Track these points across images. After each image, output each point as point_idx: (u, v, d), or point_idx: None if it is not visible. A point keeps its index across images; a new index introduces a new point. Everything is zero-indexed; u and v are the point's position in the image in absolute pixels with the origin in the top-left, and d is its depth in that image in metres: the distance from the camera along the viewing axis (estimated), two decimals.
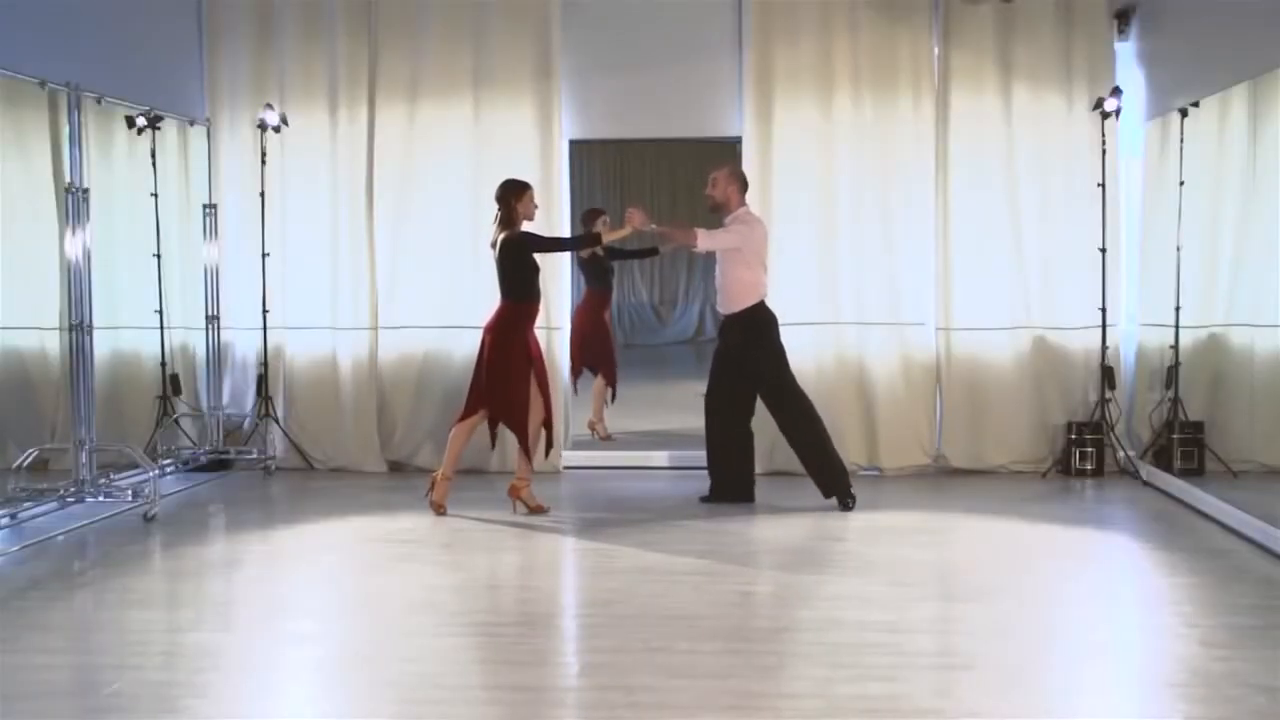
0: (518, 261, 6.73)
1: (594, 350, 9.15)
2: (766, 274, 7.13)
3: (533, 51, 8.24)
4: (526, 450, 6.80)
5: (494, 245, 6.79)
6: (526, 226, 6.82)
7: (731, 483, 7.16)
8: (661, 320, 19.75)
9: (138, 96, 7.74)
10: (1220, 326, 7.49)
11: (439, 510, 6.83)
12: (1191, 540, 6.20)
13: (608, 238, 7.29)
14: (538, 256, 6.85)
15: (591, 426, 9.26)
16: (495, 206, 6.81)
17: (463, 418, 6.89)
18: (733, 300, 7.03)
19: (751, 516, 6.87)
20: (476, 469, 8.08)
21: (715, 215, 7.18)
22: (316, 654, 4.61)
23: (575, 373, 8.90)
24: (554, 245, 7.39)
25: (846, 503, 6.96)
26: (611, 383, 9.28)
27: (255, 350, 8.50)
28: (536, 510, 6.86)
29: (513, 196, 6.75)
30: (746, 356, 7.01)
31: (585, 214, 9.11)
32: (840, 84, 8.09)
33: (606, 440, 9.25)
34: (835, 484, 7.01)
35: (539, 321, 8.17)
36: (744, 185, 7.18)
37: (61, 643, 4.77)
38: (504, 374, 6.72)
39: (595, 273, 9.18)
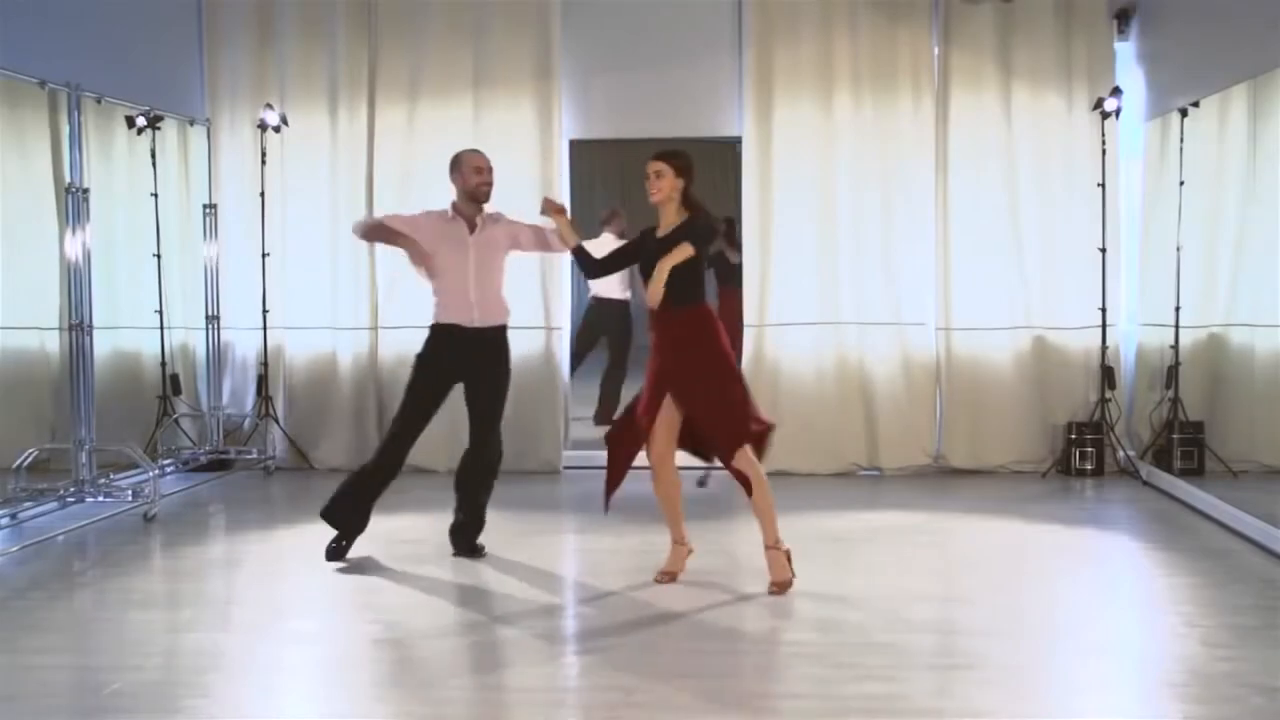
0: None
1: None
2: (443, 288, 5.95)
3: (533, 51, 8.24)
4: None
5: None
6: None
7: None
8: None
9: (138, 96, 7.74)
10: (1220, 326, 7.49)
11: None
12: (1191, 540, 6.20)
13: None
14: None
15: None
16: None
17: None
18: None
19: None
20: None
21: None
22: (316, 654, 4.61)
23: None
24: None
25: (331, 547, 5.88)
26: None
27: (255, 350, 8.49)
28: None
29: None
30: None
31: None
32: (840, 84, 8.09)
33: None
34: (336, 518, 5.92)
35: (538, 321, 8.25)
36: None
37: (61, 643, 4.76)
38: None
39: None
